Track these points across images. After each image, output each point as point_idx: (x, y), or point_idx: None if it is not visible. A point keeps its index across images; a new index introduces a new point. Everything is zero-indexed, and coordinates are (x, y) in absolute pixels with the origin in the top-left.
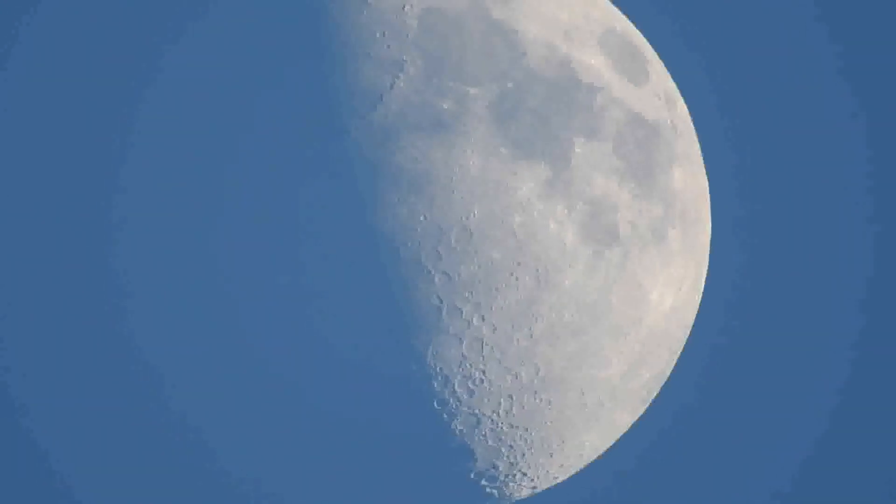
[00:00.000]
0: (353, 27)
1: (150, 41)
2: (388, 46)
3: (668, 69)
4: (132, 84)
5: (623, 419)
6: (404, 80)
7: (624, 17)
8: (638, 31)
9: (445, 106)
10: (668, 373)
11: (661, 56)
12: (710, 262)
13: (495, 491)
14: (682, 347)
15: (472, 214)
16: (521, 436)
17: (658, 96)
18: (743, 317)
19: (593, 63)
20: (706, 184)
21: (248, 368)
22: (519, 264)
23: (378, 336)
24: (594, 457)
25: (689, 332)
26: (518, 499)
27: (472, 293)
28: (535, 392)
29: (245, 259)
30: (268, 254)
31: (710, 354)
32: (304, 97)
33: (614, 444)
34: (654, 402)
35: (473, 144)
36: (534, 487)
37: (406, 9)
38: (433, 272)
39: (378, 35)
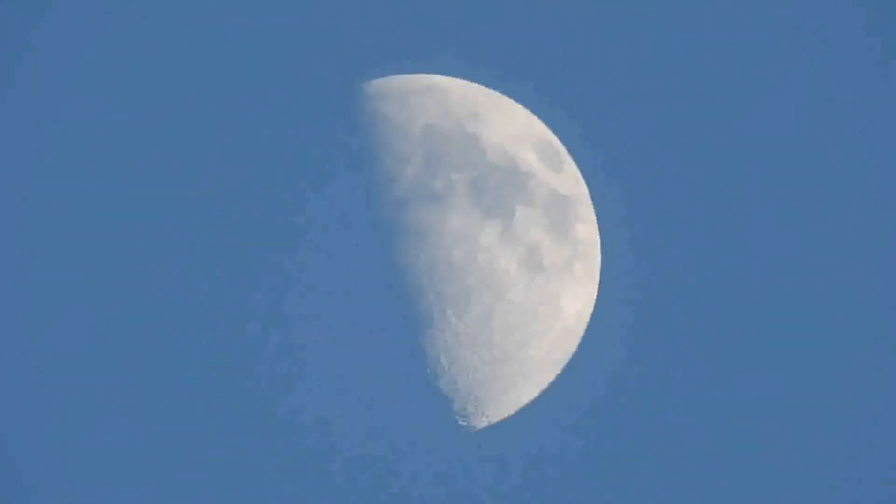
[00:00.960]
0: (378, 135)
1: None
2: (401, 147)
3: (575, 161)
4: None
5: (544, 379)
6: (411, 169)
7: (548, 129)
8: (556, 137)
9: (437, 185)
10: (572, 351)
11: (570, 152)
12: (599, 283)
13: (465, 423)
14: (581, 335)
15: (454, 254)
16: (482, 391)
17: (568, 179)
18: (620, 318)
19: (529, 158)
20: (598, 235)
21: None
22: (484, 285)
23: (392, 332)
24: (526, 402)
25: (585, 326)
26: (479, 428)
27: (453, 303)
28: (492, 365)
29: (307, 285)
30: (321, 282)
31: (599, 340)
32: (347, 181)
33: (538, 395)
34: (563, 369)
35: (455, 210)
36: (490, 421)
37: (412, 124)
38: (428, 290)
39: (394, 140)
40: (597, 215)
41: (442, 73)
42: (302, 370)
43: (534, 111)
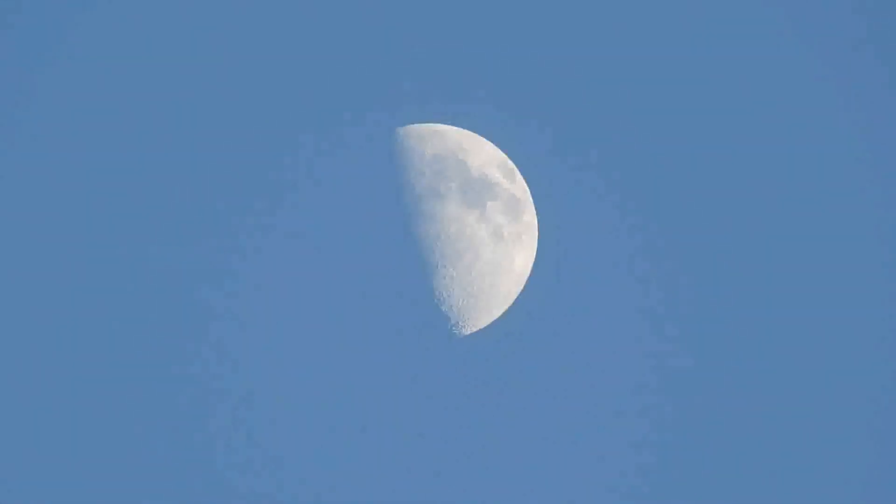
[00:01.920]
0: (405, 158)
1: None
2: (418, 165)
3: (523, 176)
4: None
5: (506, 305)
6: (424, 179)
7: (507, 157)
8: (512, 162)
9: (441, 188)
10: (520, 288)
11: (520, 171)
12: (537, 247)
13: (458, 332)
14: (526, 278)
15: (451, 229)
16: (468, 311)
17: (519, 187)
18: (550, 268)
19: (496, 174)
20: (536, 219)
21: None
22: (468, 248)
23: (411, 277)
24: (494, 319)
25: (528, 272)
26: (466, 335)
27: (450, 260)
28: (474, 297)
29: (351, 252)
30: (369, 246)
31: (537, 282)
32: (385, 186)
33: (501, 314)
34: (516, 298)
35: (452, 202)
36: (472, 330)
37: (425, 152)
38: (435, 252)
39: (414, 161)
40: (536, 208)
41: (442, 123)
42: (353, 296)
43: (498, 146)
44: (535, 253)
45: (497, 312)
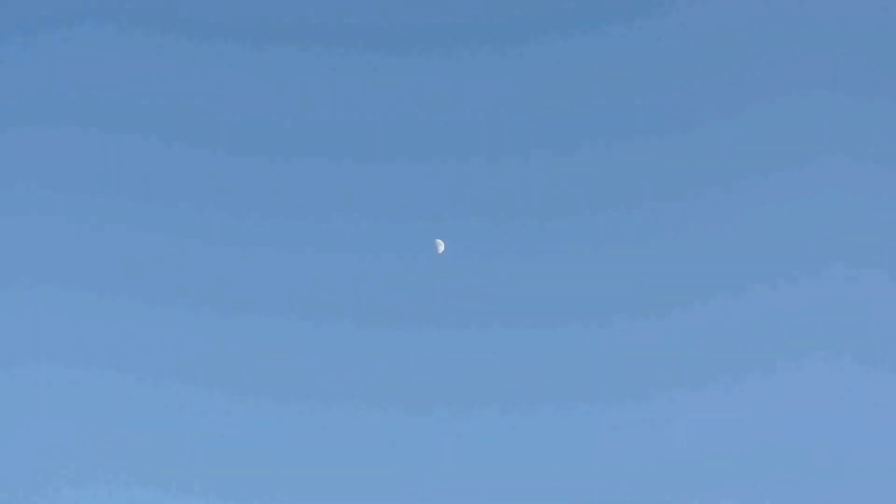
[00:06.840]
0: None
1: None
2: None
3: (445, 247)
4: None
5: (441, 248)
6: (439, 248)
7: (442, 243)
8: (443, 245)
9: (435, 244)
10: (442, 250)
11: (445, 246)
12: (444, 249)
13: (436, 252)
14: (442, 250)
15: (439, 247)
16: (437, 248)
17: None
18: (450, 251)
19: (440, 245)
20: (445, 247)
21: None
22: (439, 242)
23: (431, 250)
24: (440, 252)
25: (443, 249)
26: (438, 252)
27: (442, 239)
28: (436, 248)
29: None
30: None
31: (446, 252)
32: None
33: (441, 251)
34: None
35: (445, 247)
36: (439, 252)
37: (438, 248)
38: (437, 245)
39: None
40: (445, 247)
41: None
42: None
43: (442, 242)
44: (443, 249)
45: (441, 250)
